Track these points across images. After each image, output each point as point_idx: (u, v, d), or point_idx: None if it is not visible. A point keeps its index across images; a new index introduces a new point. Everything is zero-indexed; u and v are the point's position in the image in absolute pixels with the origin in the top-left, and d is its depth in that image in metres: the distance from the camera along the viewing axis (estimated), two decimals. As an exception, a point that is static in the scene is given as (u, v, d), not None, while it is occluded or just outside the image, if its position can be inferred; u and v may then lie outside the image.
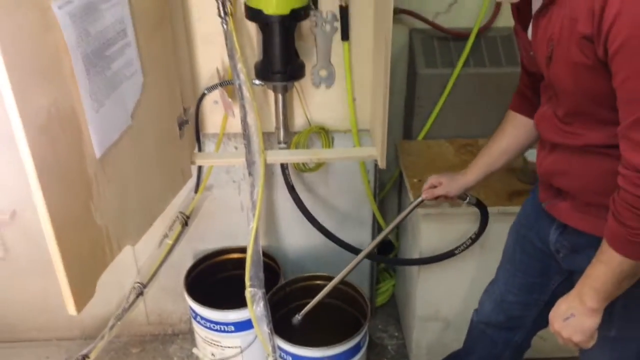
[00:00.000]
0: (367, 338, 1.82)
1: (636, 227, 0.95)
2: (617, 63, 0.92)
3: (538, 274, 1.36)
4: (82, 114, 1.11)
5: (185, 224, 1.98)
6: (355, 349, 1.73)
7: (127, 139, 1.28)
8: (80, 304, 1.15)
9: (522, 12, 1.18)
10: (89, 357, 2.01)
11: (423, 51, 2.03)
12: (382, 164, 1.67)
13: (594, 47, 0.95)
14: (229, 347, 1.89)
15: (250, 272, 1.65)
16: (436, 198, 1.54)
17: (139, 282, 2.06)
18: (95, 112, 1.15)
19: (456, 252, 1.78)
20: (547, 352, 1.94)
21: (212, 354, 1.92)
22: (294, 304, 1.89)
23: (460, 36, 2.01)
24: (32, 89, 0.98)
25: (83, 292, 1.16)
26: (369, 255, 2.04)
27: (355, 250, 1.92)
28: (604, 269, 1.03)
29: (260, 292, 1.68)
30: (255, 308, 1.68)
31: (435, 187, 1.53)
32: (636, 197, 0.93)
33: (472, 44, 1.99)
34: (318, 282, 1.94)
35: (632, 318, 1.19)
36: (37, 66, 1.00)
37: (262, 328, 1.70)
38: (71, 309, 1.13)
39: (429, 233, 1.85)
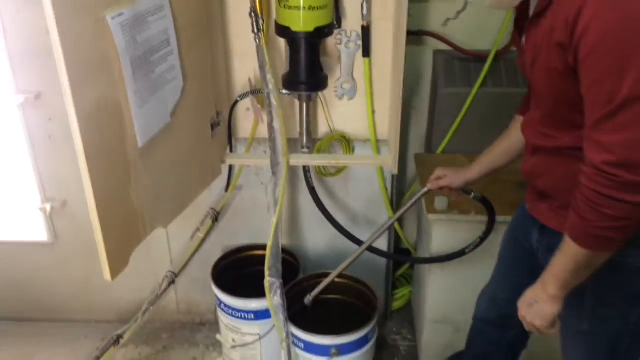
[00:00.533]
0: (376, 332, 1.95)
1: (593, 219, 1.06)
2: (584, 70, 1.03)
3: (525, 273, 1.46)
4: (127, 109, 1.31)
5: (215, 219, 2.17)
6: (363, 340, 1.86)
7: (165, 134, 1.47)
8: (115, 271, 1.33)
9: (518, 22, 1.31)
10: (122, 338, 2.21)
11: (444, 71, 2.18)
12: (394, 170, 1.81)
13: (566, 54, 1.06)
14: (248, 334, 2.04)
15: (269, 262, 1.81)
16: (441, 189, 1.67)
17: (171, 271, 2.26)
18: (139, 107, 1.34)
19: (466, 251, 1.89)
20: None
21: (233, 340, 2.09)
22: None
23: (479, 57, 2.14)
24: (86, 84, 1.18)
25: (118, 261, 1.34)
26: (385, 255, 2.19)
27: (371, 249, 2.05)
28: (564, 258, 1.15)
29: (277, 282, 1.84)
30: (272, 297, 1.84)
31: (440, 178, 1.66)
32: (594, 192, 1.04)
33: (492, 66, 2.13)
34: (334, 279, 2.08)
35: (602, 313, 1.29)
36: (91, 66, 1.20)
37: (278, 316, 1.85)
38: (107, 274, 1.31)
39: (439, 239, 1.97)
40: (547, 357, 2.13)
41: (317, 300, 2.08)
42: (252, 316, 2.01)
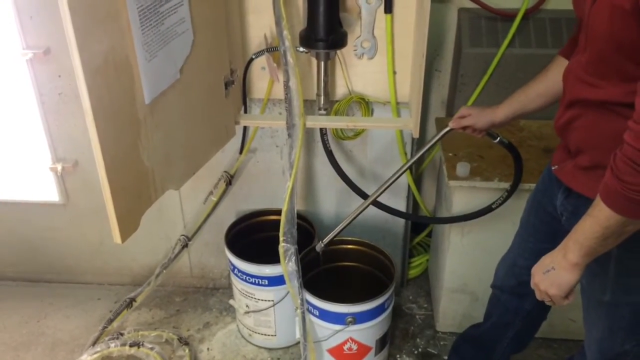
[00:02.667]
0: (393, 300, 1.90)
1: (632, 182, 0.97)
2: None
3: (548, 239, 1.39)
4: (135, 63, 1.24)
5: (229, 183, 2.11)
6: (379, 309, 1.82)
7: (175, 90, 1.40)
8: (124, 234, 1.28)
9: None
10: (135, 301, 2.19)
11: (469, 30, 2.07)
12: (415, 134, 1.73)
13: None
14: (262, 300, 2.01)
15: (284, 228, 1.76)
16: (464, 129, 1.56)
17: (184, 235, 2.22)
18: (147, 61, 1.27)
19: (493, 206, 1.82)
20: (577, 334, 1.96)
21: (247, 306, 2.05)
22: (325, 266, 1.99)
23: (507, 16, 2.03)
24: (92, 35, 1.11)
25: (128, 223, 1.29)
26: (404, 215, 2.12)
27: (391, 211, 1.99)
28: (592, 223, 1.05)
29: (292, 249, 1.78)
30: (287, 263, 1.79)
31: (464, 117, 1.55)
32: (638, 151, 0.95)
33: (520, 25, 2.02)
34: (349, 246, 2.03)
35: (626, 283, 1.22)
36: (97, 16, 1.12)
37: (293, 282, 1.80)
38: (116, 237, 1.26)
39: (460, 206, 1.90)
40: (565, 329, 2.09)
41: (332, 267, 2.04)
42: (266, 282, 1.96)
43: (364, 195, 2.00)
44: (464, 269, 2.03)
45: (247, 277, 1.98)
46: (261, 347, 2.14)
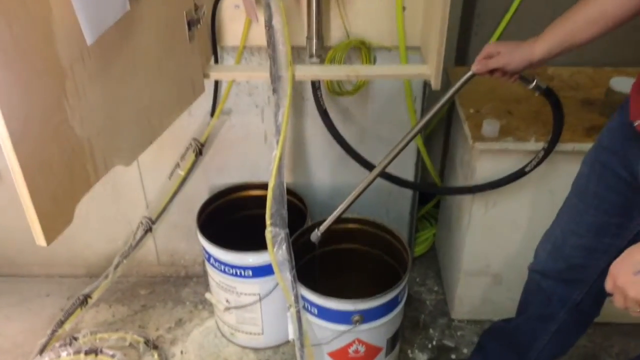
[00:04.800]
0: (406, 292, 1.56)
1: None
2: None
3: (617, 211, 1.09)
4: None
5: (199, 153, 1.72)
6: (391, 304, 1.48)
7: (123, 30, 1.00)
8: (51, 232, 0.91)
9: None
10: (91, 297, 1.81)
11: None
12: (436, 85, 1.36)
13: None
14: (245, 294, 1.65)
15: (271, 209, 1.39)
16: (491, 73, 1.19)
17: (147, 217, 1.84)
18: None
19: (527, 169, 1.49)
20: (614, 316, 1.65)
21: (227, 301, 1.69)
22: (321, 250, 1.63)
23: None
24: None
25: (55, 216, 0.91)
26: (412, 186, 1.78)
27: (398, 181, 1.64)
28: None
29: (282, 233, 1.42)
30: (276, 251, 1.43)
31: (492, 57, 1.18)
32: None
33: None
34: (350, 225, 1.68)
35: None
36: None
37: (284, 274, 1.45)
38: (38, 237, 0.89)
39: (486, 174, 1.55)
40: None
41: (330, 252, 1.68)
42: (250, 273, 1.60)
43: (365, 164, 1.64)
44: (487, 248, 1.70)
45: (226, 268, 1.61)
46: (246, 348, 1.80)
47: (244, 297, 1.66)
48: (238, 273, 1.61)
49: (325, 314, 1.46)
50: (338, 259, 1.70)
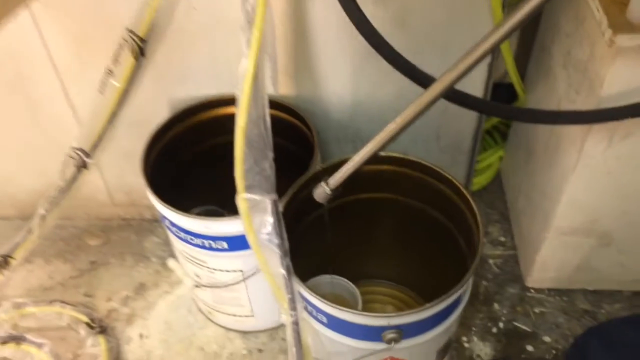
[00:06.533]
0: (470, 288, 0.98)
1: None
2: None
3: None
4: None
5: (140, 52, 1.08)
6: (446, 311, 0.90)
7: None
8: None
9: None
10: (12, 258, 1.28)
11: None
12: None
13: None
14: (221, 271, 1.09)
15: (244, 162, 0.78)
16: None
17: (77, 149, 1.23)
18: None
19: None
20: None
21: (197, 276, 1.14)
22: (336, 202, 1.02)
23: None
24: None
25: None
26: (487, 107, 1.16)
27: (462, 99, 1.00)
28: None
29: (268, 200, 0.82)
30: (258, 230, 0.84)
31: None
32: None
33: None
34: (381, 166, 1.06)
35: None
36: None
37: (274, 265, 0.87)
38: None
39: (619, 86, 0.89)
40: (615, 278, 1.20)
41: (347, 204, 1.09)
42: (224, 245, 1.03)
43: (408, 69, 0.97)
44: (598, 198, 1.08)
45: (190, 237, 1.04)
46: (231, 330, 1.27)
47: (220, 274, 1.10)
48: (207, 245, 1.04)
49: (340, 325, 0.90)
50: (362, 213, 1.11)
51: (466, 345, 1.22)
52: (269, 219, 0.84)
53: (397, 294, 1.27)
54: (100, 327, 1.25)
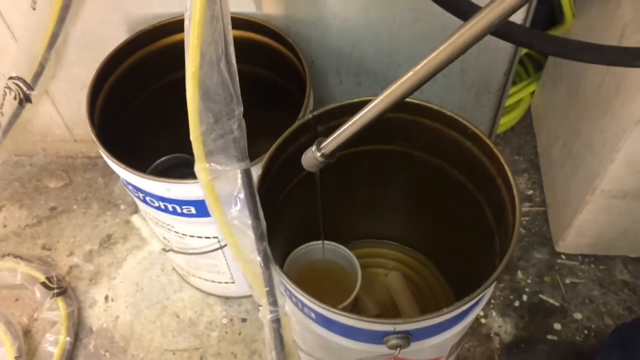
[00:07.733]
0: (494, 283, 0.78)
1: None
2: None
3: None
4: None
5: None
6: (463, 314, 0.71)
7: None
8: None
9: None
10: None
11: None
12: None
13: None
14: (192, 237, 0.90)
15: (197, 110, 0.57)
16: None
17: (16, 78, 1.01)
18: None
19: None
20: None
21: (165, 239, 0.95)
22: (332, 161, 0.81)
23: None
24: None
25: None
26: (516, 38, 0.93)
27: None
28: None
29: (236, 170, 0.61)
30: (225, 208, 0.64)
31: None
32: None
33: None
34: (394, 114, 0.83)
35: None
36: None
37: (248, 254, 0.67)
38: None
39: None
40: None
41: (349, 158, 0.87)
42: (192, 210, 0.83)
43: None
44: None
45: (150, 199, 0.84)
46: (210, 294, 1.10)
47: (192, 240, 0.91)
48: (172, 209, 0.84)
49: (333, 325, 0.71)
50: (363, 168, 0.90)
51: (482, 320, 1.04)
52: (239, 194, 0.63)
53: (403, 257, 1.08)
54: (59, 287, 1.08)
